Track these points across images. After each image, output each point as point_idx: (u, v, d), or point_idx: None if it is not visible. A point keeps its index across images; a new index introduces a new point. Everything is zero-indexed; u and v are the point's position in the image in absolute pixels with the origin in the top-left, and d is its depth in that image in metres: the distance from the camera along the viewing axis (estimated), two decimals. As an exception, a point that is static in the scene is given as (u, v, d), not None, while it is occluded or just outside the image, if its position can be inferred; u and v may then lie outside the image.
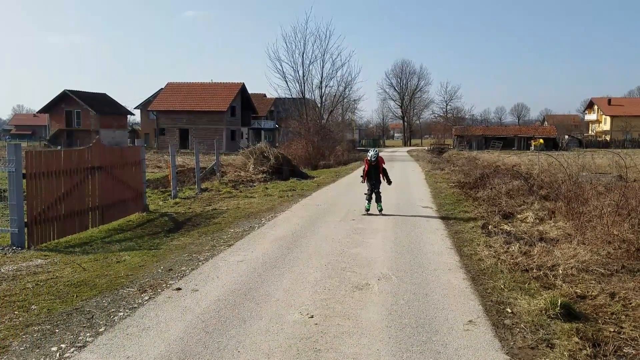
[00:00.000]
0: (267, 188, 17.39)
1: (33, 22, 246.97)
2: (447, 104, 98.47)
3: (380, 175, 11.38)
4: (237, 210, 12.14)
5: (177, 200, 14.13)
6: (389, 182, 11.49)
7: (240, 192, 16.32)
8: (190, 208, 12.66)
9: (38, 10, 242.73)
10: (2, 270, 6.58)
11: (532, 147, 60.12)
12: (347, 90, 44.61)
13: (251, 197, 14.98)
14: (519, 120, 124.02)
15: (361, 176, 11.83)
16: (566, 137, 71.22)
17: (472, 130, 71.96)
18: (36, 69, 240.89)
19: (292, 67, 45.18)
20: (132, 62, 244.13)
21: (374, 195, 11.37)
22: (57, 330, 4.61)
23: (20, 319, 4.87)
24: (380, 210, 11.21)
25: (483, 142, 67.06)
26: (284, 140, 39.12)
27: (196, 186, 16.50)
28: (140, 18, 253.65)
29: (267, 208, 12.56)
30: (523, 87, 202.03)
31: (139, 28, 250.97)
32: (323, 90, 42.94)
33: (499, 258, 7.14)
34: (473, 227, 9.63)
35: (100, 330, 4.63)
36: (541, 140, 63.00)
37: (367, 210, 11.32)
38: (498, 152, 45.59)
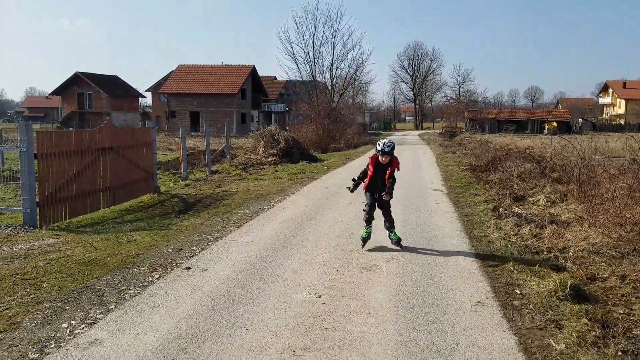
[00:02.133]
0: (276, 171, 17.41)
1: (45, 6, 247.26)
2: (459, 87, 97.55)
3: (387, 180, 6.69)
4: (247, 192, 12.17)
5: (188, 182, 14.20)
6: (387, 193, 6.56)
7: (250, 174, 16.36)
8: (200, 190, 12.72)
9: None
10: (14, 249, 6.67)
11: (546, 131, 59.48)
12: (358, 72, 44.35)
13: (261, 179, 15.01)
14: (532, 103, 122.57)
15: (354, 180, 7.06)
16: (580, 120, 70.29)
17: (485, 113, 71.27)
18: (49, 52, 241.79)
19: (303, 49, 44.95)
20: (143, 44, 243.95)
21: (379, 216, 6.88)
22: (67, 308, 4.67)
23: (31, 296, 4.94)
24: (397, 241, 6.75)
25: (496, 126, 66.43)
26: (294, 124, 39.03)
27: (206, 168, 16.56)
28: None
29: (276, 190, 12.57)
30: (537, 69, 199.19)
31: (150, 11, 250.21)
32: (334, 73, 42.73)
33: (509, 240, 7.09)
34: (483, 210, 9.57)
35: (111, 307, 4.69)
36: (554, 124, 62.27)
37: (365, 238, 6.79)
38: (511, 136, 45.14)
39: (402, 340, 3.99)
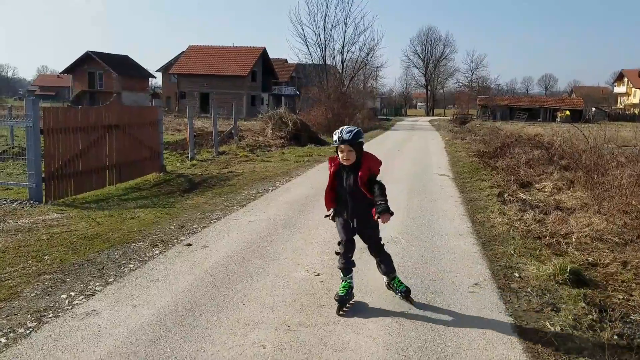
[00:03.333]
0: (284, 153, 17.41)
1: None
2: (472, 73, 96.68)
3: (366, 195, 4.07)
4: (253, 174, 12.19)
5: (194, 162, 14.24)
6: (382, 212, 3.89)
7: (257, 156, 16.37)
8: (206, 170, 12.76)
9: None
10: (19, 223, 6.75)
11: (558, 119, 58.78)
12: (369, 56, 44.04)
13: (267, 161, 15.02)
14: (546, 91, 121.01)
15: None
16: (593, 109, 69.35)
17: (497, 100, 70.55)
18: (61, 30, 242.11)
19: (314, 31, 44.68)
20: (154, 24, 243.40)
21: (363, 256, 4.86)
22: (67, 280, 4.73)
23: (33, 268, 5.00)
24: (405, 292, 4.36)
25: (508, 113, 65.78)
26: (304, 107, 38.90)
27: (214, 149, 16.59)
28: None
29: (282, 172, 12.58)
30: (552, 57, 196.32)
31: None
32: (345, 56, 42.46)
33: (512, 225, 7.05)
34: (488, 195, 9.52)
35: (110, 280, 4.74)
36: (567, 112, 61.53)
37: (343, 297, 4.18)
38: (523, 123, 44.67)
39: (397, 319, 4.00)
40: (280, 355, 3.42)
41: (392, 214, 3.92)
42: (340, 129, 4.14)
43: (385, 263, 4.42)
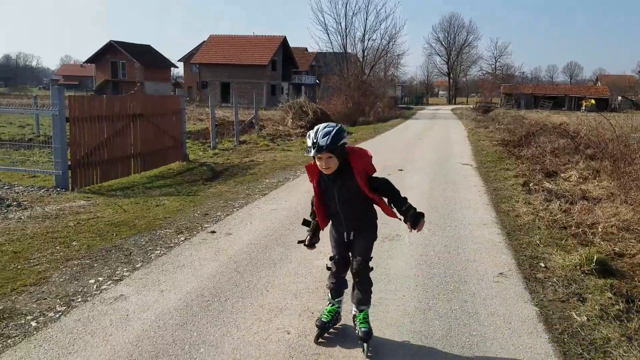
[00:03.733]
0: (304, 142, 17.38)
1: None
2: (496, 61, 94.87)
3: (369, 205, 3.34)
4: (274, 162, 12.25)
5: (216, 151, 14.36)
6: (412, 219, 3.19)
7: (278, 145, 16.42)
8: (228, 159, 12.86)
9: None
10: (46, 209, 6.90)
11: (583, 108, 57.56)
12: (390, 44, 43.54)
13: (288, 150, 15.07)
14: (570, 79, 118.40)
15: (307, 222, 3.64)
16: (619, 98, 67.65)
17: (521, 88, 69.33)
18: (84, 20, 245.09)
19: (335, 19, 44.48)
20: (175, 14, 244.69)
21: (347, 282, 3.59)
22: (95, 265, 4.83)
23: (61, 253, 5.12)
24: (365, 334, 3.32)
25: (532, 101, 64.65)
26: (324, 96, 38.75)
27: (235, 139, 16.69)
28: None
29: (303, 161, 12.59)
30: (577, 45, 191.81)
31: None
32: (365, 44, 42.11)
33: (537, 215, 6.96)
34: (513, 185, 9.40)
35: (137, 266, 4.84)
36: (592, 101, 60.15)
37: (325, 322, 3.47)
38: (547, 112, 43.82)
39: (420, 307, 3.99)
40: (304, 340, 3.45)
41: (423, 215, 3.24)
42: (315, 129, 3.15)
43: (363, 289, 3.38)
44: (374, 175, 3.29)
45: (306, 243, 3.53)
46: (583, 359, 3.30)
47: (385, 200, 3.31)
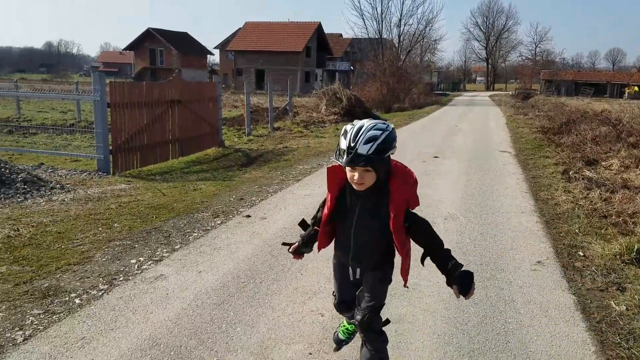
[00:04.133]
0: (337, 129, 17.38)
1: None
2: (536, 46, 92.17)
3: (391, 238, 2.37)
4: (307, 149, 12.29)
5: (251, 137, 14.51)
6: (460, 282, 2.37)
7: (311, 132, 16.46)
8: (262, 145, 12.99)
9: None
10: (89, 192, 7.15)
11: (626, 95, 55.31)
12: (427, 29, 42.92)
13: (321, 137, 15.09)
14: (613, 66, 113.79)
15: (304, 225, 2.79)
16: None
17: (562, 75, 67.19)
18: (124, 7, 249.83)
19: (370, 4, 43.89)
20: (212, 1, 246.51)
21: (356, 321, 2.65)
22: (136, 246, 4.99)
23: (103, 234, 5.30)
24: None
25: (573, 88, 62.61)
26: (358, 82, 38.52)
27: (269, 125, 16.81)
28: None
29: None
30: (620, 30, 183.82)
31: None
32: (401, 29, 41.57)
33: (577, 203, 6.79)
34: (553, 173, 9.18)
35: (176, 247, 4.97)
36: (636, 88, 57.71)
37: (342, 340, 3.05)
38: (588, 99, 42.38)
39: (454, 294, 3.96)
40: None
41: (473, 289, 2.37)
42: (357, 126, 2.19)
43: (373, 348, 2.56)
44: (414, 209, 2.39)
45: (290, 250, 2.75)
46: (621, 348, 3.23)
47: (420, 249, 2.45)
